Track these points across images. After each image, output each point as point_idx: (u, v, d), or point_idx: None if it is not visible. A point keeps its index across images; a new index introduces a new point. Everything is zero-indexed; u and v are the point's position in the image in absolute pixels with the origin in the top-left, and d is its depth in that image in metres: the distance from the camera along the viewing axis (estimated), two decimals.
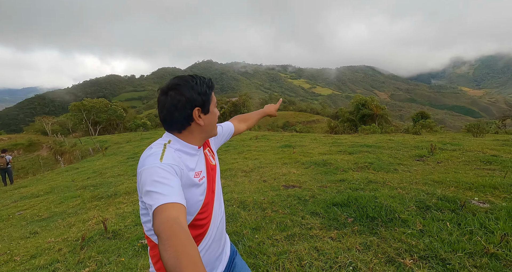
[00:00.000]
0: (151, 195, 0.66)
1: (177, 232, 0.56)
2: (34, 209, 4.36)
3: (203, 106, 0.86)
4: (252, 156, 6.92)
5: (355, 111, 24.30)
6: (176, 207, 0.63)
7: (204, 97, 0.86)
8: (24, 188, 7.57)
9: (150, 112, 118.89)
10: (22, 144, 28.12)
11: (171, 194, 0.65)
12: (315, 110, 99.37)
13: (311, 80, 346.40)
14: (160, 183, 0.67)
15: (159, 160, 0.74)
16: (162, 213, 0.61)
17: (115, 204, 3.79)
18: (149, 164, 0.74)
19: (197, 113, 0.85)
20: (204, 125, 0.88)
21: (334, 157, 5.58)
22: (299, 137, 11.54)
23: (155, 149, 0.80)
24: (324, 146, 7.79)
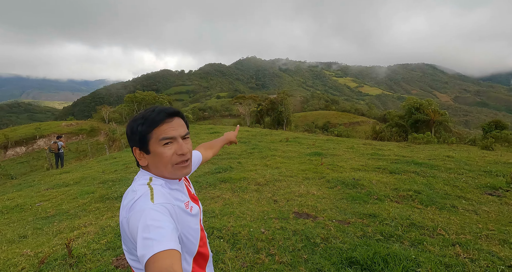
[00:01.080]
0: (144, 242, 0.62)
1: None
2: (51, 201, 4.48)
3: (140, 146, 0.81)
4: (274, 164, 6.24)
5: (407, 115, 21.31)
6: (169, 255, 0.60)
7: (136, 136, 0.80)
8: (66, 173, 8.23)
9: (195, 105, 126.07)
10: (85, 130, 32.15)
11: (163, 240, 0.62)
12: (360, 111, 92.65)
13: (358, 78, 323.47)
14: (154, 227, 0.64)
15: (150, 200, 0.71)
16: (154, 264, 0.58)
17: (113, 210, 3.56)
18: (138, 207, 0.70)
19: (136, 152, 0.83)
20: (148, 165, 0.83)
21: (369, 176, 4.56)
22: (335, 143, 10.37)
23: (141, 190, 0.76)
24: (361, 158, 6.66)
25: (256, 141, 11.60)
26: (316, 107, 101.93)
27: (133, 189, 0.78)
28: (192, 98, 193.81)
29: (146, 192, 0.74)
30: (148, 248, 0.60)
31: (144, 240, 0.62)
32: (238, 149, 9.17)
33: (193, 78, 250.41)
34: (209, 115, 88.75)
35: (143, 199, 0.72)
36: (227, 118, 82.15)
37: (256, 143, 10.91)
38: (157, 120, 0.78)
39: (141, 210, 0.68)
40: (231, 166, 6.06)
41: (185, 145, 0.82)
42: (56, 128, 31.06)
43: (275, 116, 32.83)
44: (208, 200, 3.69)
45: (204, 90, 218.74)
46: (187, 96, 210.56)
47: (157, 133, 0.79)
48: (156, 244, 0.61)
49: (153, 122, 0.78)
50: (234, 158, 7.52)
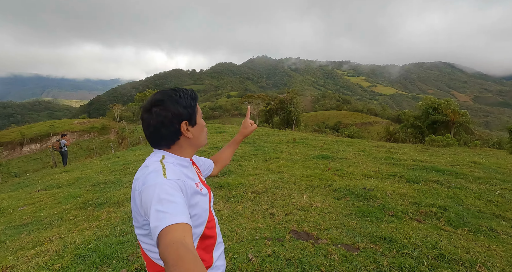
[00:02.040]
0: (157, 215, 0.63)
1: (183, 256, 0.54)
2: (34, 206, 4.18)
3: (190, 119, 0.86)
4: (277, 168, 5.73)
5: (423, 115, 20.11)
6: (181, 228, 0.61)
7: (190, 109, 0.86)
8: (66, 173, 8.06)
9: (206, 104, 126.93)
10: (97, 128, 32.79)
11: (176, 213, 0.64)
12: (372, 110, 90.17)
13: (371, 77, 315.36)
14: (167, 201, 0.66)
15: (163, 176, 0.73)
16: (167, 235, 0.59)
17: (90, 220, 3.18)
18: (152, 181, 0.72)
19: (184, 127, 0.85)
20: (193, 137, 0.88)
21: (382, 186, 3.97)
22: (345, 145, 9.72)
23: (153, 166, 0.78)
24: (373, 163, 6.04)
25: (261, 141, 11.12)
26: (327, 107, 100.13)
27: (146, 165, 0.81)
28: (202, 97, 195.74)
29: (158, 168, 0.76)
30: (161, 220, 0.62)
31: (157, 213, 0.63)
32: (241, 150, 8.73)
33: (204, 77, 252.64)
34: (219, 114, 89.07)
35: (155, 174, 0.74)
36: (237, 117, 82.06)
37: (262, 143, 10.42)
38: (196, 97, 0.89)
39: (154, 184, 0.70)
40: (230, 170, 5.61)
41: None
42: (69, 126, 31.80)
43: (284, 115, 32.19)
44: None
45: (214, 89, 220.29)
46: (199, 95, 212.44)
47: (198, 107, 0.89)
48: (169, 216, 0.62)
49: (196, 98, 0.88)
50: (236, 160, 7.07)
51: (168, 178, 0.73)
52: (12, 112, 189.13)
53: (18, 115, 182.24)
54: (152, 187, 0.70)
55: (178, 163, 0.85)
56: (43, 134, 28.91)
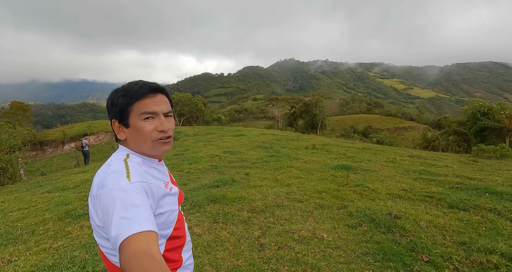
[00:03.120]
0: (120, 221, 0.58)
1: (147, 267, 0.51)
2: (23, 212, 4.04)
3: (119, 118, 0.78)
4: (287, 179, 5.02)
5: (469, 121, 17.55)
6: (145, 236, 0.57)
7: (117, 108, 0.77)
8: (82, 173, 8.20)
9: (232, 107, 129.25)
10: None
11: (140, 219, 0.59)
12: (408, 115, 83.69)
13: (407, 79, 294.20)
14: (129, 206, 0.60)
15: (127, 179, 0.68)
16: (128, 246, 0.55)
17: (56, 238, 2.83)
18: (114, 184, 0.66)
19: (115, 125, 0.80)
20: (128, 139, 0.80)
21: (415, 212, 3.07)
22: (371, 153, 8.59)
23: (116, 166, 0.72)
24: (404, 177, 5.02)
25: (279, 146, 10.42)
26: (356, 111, 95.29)
27: (108, 163, 0.76)
28: (229, 100, 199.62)
29: (121, 169, 0.71)
30: (124, 227, 0.58)
31: (120, 219, 0.59)
32: (255, 156, 8.14)
33: (232, 80, 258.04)
34: (244, 117, 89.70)
35: (117, 175, 0.68)
36: (262, 120, 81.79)
37: (279, 149, 9.73)
38: (140, 93, 0.77)
39: (117, 188, 0.65)
40: (233, 179, 5.04)
41: (166, 122, 0.80)
42: (104, 126, 34.09)
43: (309, 119, 30.93)
44: None
45: (241, 92, 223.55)
46: (225, 98, 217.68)
47: (138, 107, 0.77)
48: (133, 223, 0.58)
49: (135, 95, 0.77)
50: (246, 166, 6.50)
51: (132, 181, 0.67)
52: (64, 113, 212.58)
53: (68, 115, 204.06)
54: (113, 191, 0.64)
55: (144, 162, 0.80)
56: (81, 133, 31.33)
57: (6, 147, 7.95)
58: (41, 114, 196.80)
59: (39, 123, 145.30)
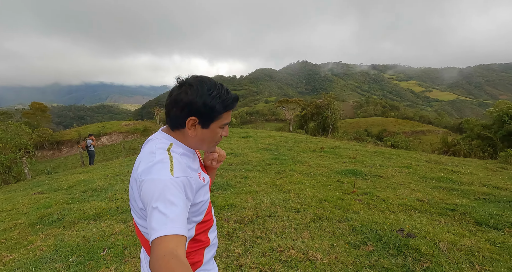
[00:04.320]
0: (157, 215, 0.63)
1: (173, 268, 0.55)
2: (3, 214, 3.81)
3: (202, 119, 0.79)
4: (286, 184, 4.57)
5: (496, 124, 16.19)
6: (176, 239, 0.62)
7: (208, 110, 0.78)
8: (84, 173, 8.11)
9: (244, 109, 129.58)
10: (139, 129, 35.35)
11: (176, 220, 0.64)
12: (426, 118, 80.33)
13: (425, 81, 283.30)
14: (169, 203, 0.65)
15: (170, 172, 0.70)
16: (160, 245, 0.60)
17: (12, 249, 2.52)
18: (158, 175, 0.69)
19: (191, 122, 0.79)
20: (195, 137, 0.82)
21: (433, 229, 2.54)
22: (384, 157, 7.94)
23: (160, 155, 0.74)
24: (420, 185, 4.43)
25: (285, 149, 9.95)
26: (371, 113, 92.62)
27: (152, 151, 0.76)
28: (241, 102, 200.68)
29: (165, 160, 0.73)
30: (160, 224, 0.62)
31: (158, 213, 0.63)
32: (258, 158, 7.74)
33: (244, 83, 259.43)
34: (255, 119, 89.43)
35: (161, 166, 0.71)
36: (273, 122, 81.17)
37: (285, 151, 9.27)
38: (231, 105, 0.82)
39: (159, 179, 0.68)
40: (228, 183, 4.66)
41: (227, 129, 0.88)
42: (117, 127, 34.94)
43: (320, 121, 30.11)
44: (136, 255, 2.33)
45: (253, 94, 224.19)
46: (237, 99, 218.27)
47: (225, 117, 0.82)
48: (169, 223, 0.62)
49: (228, 106, 0.81)
50: (246, 170, 6.10)
51: (175, 175, 0.70)
52: (84, 115, 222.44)
53: (88, 117, 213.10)
54: (156, 182, 0.67)
55: (184, 153, 0.82)
56: (95, 134, 32.23)
57: (12, 146, 8.01)
58: (63, 115, 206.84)
59: (61, 124, 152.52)
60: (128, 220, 3.06)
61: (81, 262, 2.05)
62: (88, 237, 2.48)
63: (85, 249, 2.23)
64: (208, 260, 0.92)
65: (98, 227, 2.79)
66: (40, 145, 29.76)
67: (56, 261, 2.10)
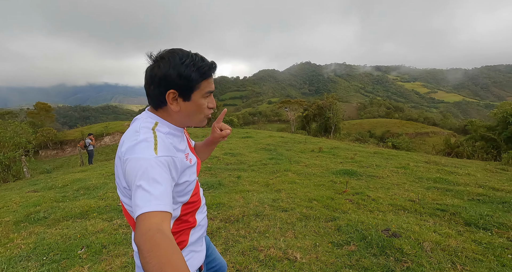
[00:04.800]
0: (140, 192, 0.63)
1: (159, 242, 0.55)
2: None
3: (182, 91, 0.77)
4: (278, 184, 4.54)
5: (500, 126, 15.90)
6: (160, 215, 0.61)
7: (185, 81, 0.75)
8: (82, 172, 8.18)
9: (246, 110, 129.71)
10: None
11: (160, 197, 0.63)
12: (430, 119, 79.52)
13: (431, 83, 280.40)
14: (152, 181, 0.64)
15: (154, 151, 0.69)
16: (144, 221, 0.60)
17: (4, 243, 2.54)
18: (142, 154, 0.68)
19: (170, 96, 0.77)
20: (179, 111, 0.80)
21: (419, 229, 2.48)
22: (383, 158, 7.85)
23: (144, 134, 0.73)
24: (415, 186, 4.36)
25: (284, 149, 9.90)
26: (374, 115, 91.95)
27: (136, 130, 0.75)
28: (244, 103, 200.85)
29: (149, 139, 0.72)
30: (144, 201, 0.62)
31: (142, 191, 0.63)
32: (255, 158, 7.71)
33: (247, 84, 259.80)
34: (257, 120, 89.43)
35: (145, 145, 0.70)
36: (276, 123, 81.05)
37: (283, 151, 9.23)
38: (209, 72, 0.79)
39: (143, 158, 0.67)
40: (220, 183, 4.64)
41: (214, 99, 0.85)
42: (119, 127, 35.17)
43: (322, 122, 29.96)
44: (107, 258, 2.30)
45: (256, 95, 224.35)
46: (241, 101, 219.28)
47: (204, 84, 0.79)
48: (153, 200, 0.62)
49: (205, 73, 0.78)
50: (241, 169, 6.08)
51: (158, 154, 0.69)
52: (89, 115, 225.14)
53: (92, 117, 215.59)
54: (140, 160, 0.67)
55: (170, 132, 0.80)
56: (98, 134, 32.50)
57: (11, 145, 8.11)
58: (68, 116, 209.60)
59: (66, 124, 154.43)
60: (114, 218, 3.06)
61: (56, 261, 2.05)
62: (69, 235, 2.48)
63: (63, 247, 2.23)
64: (195, 240, 0.90)
65: (82, 225, 2.79)
66: (44, 144, 30.15)
67: (31, 259, 2.10)
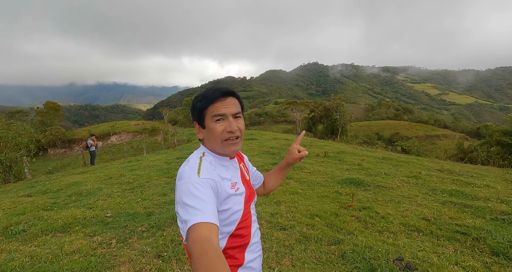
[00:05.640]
0: (187, 209, 0.69)
1: (207, 251, 0.58)
2: None
3: (197, 120, 0.90)
4: (278, 195, 4.23)
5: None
6: (209, 226, 0.65)
7: (195, 111, 0.89)
8: (82, 174, 8.06)
9: (253, 110, 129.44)
10: (148, 129, 35.75)
11: (205, 211, 0.68)
12: (441, 122, 77.39)
13: (442, 84, 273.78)
14: (197, 198, 0.70)
15: (197, 174, 0.77)
16: (194, 231, 0.64)
17: None
18: (186, 178, 0.77)
19: (196, 127, 0.92)
20: (204, 139, 0.91)
21: (438, 260, 2.14)
22: (392, 164, 7.43)
23: (192, 162, 0.83)
24: (428, 200, 3.97)
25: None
26: (383, 116, 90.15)
27: (188, 159, 0.87)
28: (251, 104, 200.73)
29: (194, 166, 0.81)
30: (191, 215, 0.67)
31: (187, 207, 0.69)
32: (258, 162, 7.42)
33: (254, 84, 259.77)
34: (263, 120, 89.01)
35: (190, 170, 0.79)
36: (282, 124, 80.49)
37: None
38: (212, 97, 0.85)
39: (187, 182, 0.75)
40: None
41: (234, 123, 0.86)
42: (126, 126, 35.49)
43: (329, 124, 29.37)
44: None
45: (263, 96, 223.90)
46: (247, 101, 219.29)
47: (211, 110, 0.85)
48: (199, 213, 0.67)
49: (209, 100, 0.85)
50: None
51: (201, 177, 0.76)
52: (98, 114, 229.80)
53: (102, 116, 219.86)
54: (185, 183, 0.75)
55: (217, 161, 0.88)
56: (105, 133, 32.89)
57: (13, 145, 8.07)
58: (79, 114, 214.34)
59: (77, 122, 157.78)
60: (97, 233, 2.82)
61: None
62: (40, 256, 2.24)
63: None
64: None
65: (60, 242, 2.55)
66: (52, 143, 30.66)
67: None
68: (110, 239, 2.63)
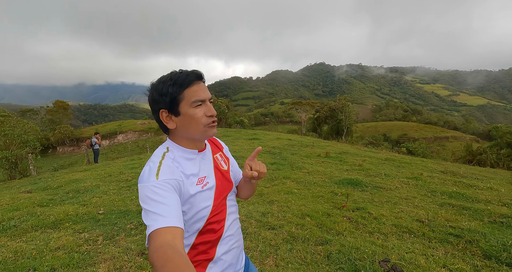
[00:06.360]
0: (148, 214, 0.67)
1: (171, 257, 0.56)
2: None
3: (169, 107, 0.80)
4: (273, 195, 4.19)
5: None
6: (171, 231, 0.63)
7: (167, 97, 0.79)
8: (84, 171, 8.20)
9: (259, 110, 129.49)
10: (153, 128, 36.08)
11: (166, 215, 0.65)
12: (451, 123, 75.77)
13: (452, 85, 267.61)
14: (156, 202, 0.67)
15: (155, 176, 0.73)
16: (156, 238, 0.61)
17: None
18: (145, 181, 0.73)
19: (164, 116, 0.82)
20: (177, 128, 0.83)
21: (425, 262, 2.08)
22: (394, 166, 7.28)
23: (153, 161, 0.79)
24: (426, 201, 3.87)
25: (289, 153, 9.53)
26: (390, 117, 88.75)
27: (151, 158, 0.81)
28: (257, 104, 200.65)
29: (154, 166, 0.76)
30: (152, 220, 0.65)
31: (149, 213, 0.66)
32: None
33: (260, 84, 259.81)
34: (269, 121, 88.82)
35: (148, 172, 0.74)
36: (288, 124, 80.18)
37: (287, 155, 8.86)
38: (188, 81, 0.79)
39: (145, 186, 0.71)
40: None
41: (212, 107, 0.84)
42: (132, 125, 35.99)
43: (334, 124, 29.11)
44: None
45: (269, 96, 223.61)
46: (253, 101, 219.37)
47: (188, 94, 0.79)
48: (160, 218, 0.64)
49: (183, 83, 0.79)
50: None
51: (159, 179, 0.72)
52: (107, 113, 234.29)
53: (110, 115, 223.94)
54: (143, 187, 0.71)
55: (182, 156, 0.83)
56: (112, 132, 33.45)
57: (19, 142, 8.28)
58: (88, 113, 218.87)
59: (86, 121, 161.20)
60: (86, 230, 2.85)
61: None
62: (25, 251, 2.27)
63: (9, 268, 2.01)
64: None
65: (48, 238, 2.59)
66: (61, 141, 31.36)
67: None
68: (98, 236, 2.65)
